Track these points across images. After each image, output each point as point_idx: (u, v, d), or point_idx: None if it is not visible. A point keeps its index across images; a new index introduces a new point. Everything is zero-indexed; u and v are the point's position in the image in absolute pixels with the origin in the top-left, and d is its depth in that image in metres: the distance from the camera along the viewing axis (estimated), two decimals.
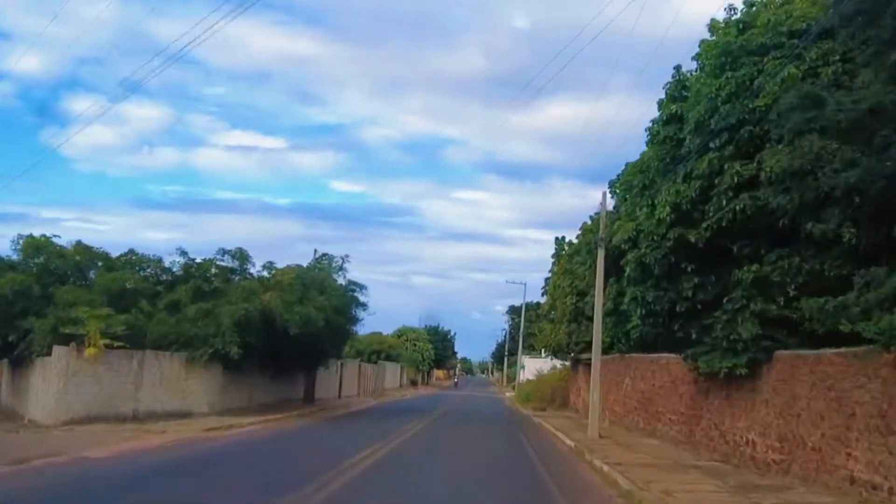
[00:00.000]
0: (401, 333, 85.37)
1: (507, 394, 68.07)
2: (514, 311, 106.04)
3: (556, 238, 35.38)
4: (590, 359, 32.64)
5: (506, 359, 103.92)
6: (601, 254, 20.67)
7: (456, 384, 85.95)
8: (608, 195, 21.97)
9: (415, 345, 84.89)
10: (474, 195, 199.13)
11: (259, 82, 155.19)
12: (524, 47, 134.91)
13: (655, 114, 16.96)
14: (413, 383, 77.63)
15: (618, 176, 24.69)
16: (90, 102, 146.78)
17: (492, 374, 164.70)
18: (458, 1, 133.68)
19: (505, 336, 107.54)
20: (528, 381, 54.56)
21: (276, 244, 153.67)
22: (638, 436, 20.95)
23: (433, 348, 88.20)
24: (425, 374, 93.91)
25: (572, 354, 34.25)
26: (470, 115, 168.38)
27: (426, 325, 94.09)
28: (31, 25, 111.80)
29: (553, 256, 35.47)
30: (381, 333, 74.69)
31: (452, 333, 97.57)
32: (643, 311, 14.70)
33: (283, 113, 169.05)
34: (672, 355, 18.84)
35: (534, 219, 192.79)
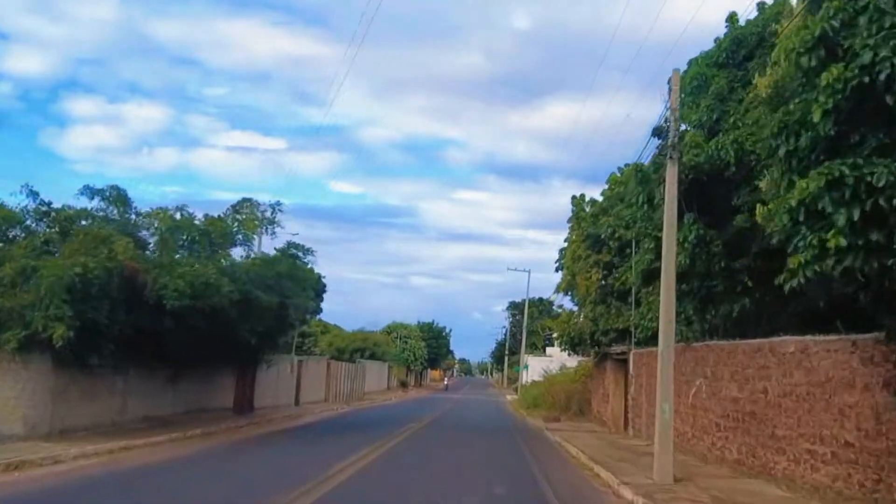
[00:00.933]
0: (390, 330, 76.89)
1: (509, 396, 59.74)
2: (515, 307, 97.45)
3: (574, 197, 26.96)
4: (622, 353, 24.26)
5: (506, 358, 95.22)
6: (672, 171, 12.29)
7: (446, 386, 75.07)
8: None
9: (406, 342, 76.39)
10: (474, 196, 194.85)
11: (259, 83, 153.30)
12: (525, 48, 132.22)
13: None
14: (403, 385, 69.17)
15: (684, 72, 16.38)
16: (90, 104, 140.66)
17: (491, 374, 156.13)
18: (458, 2, 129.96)
19: (505, 334, 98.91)
20: (534, 382, 46.15)
21: None
22: (732, 474, 12.56)
23: (426, 346, 79.68)
24: (418, 374, 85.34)
25: (597, 348, 25.84)
26: (470, 115, 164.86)
27: (419, 322, 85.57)
28: (30, 26, 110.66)
29: (569, 221, 27.04)
30: (373, 332, 66.38)
31: (448, 330, 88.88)
32: (858, 213, 6.14)
33: (283, 113, 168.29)
34: (817, 338, 10.45)
35: (534, 219, 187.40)
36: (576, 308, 26.67)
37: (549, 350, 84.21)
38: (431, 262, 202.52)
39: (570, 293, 26.99)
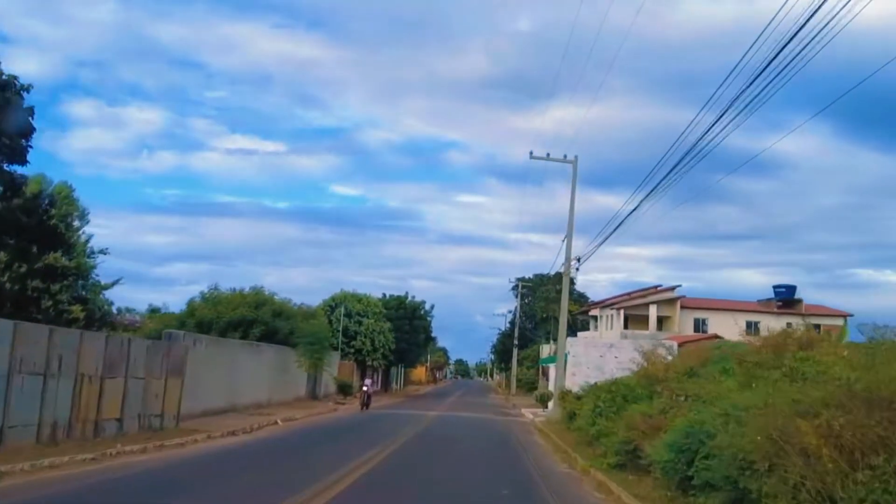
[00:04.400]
0: (335, 303, 48.27)
1: (530, 415, 31.19)
2: (526, 283, 69.07)
3: None
4: None
5: (515, 350, 66.45)
6: None
7: (368, 398, 33.30)
8: None
9: (359, 323, 47.79)
10: (475, 199, 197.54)
11: (259, 86, 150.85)
12: (526, 50, 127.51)
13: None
14: (343, 391, 40.27)
15: None
16: (90, 106, 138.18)
17: (491, 376, 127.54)
18: (459, 4, 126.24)
19: (514, 314, 69.71)
20: (618, 382, 17.84)
21: (276, 248, 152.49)
22: None
23: (393, 330, 50.79)
24: (383, 374, 56.69)
25: None
26: (471, 118, 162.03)
27: (386, 295, 56.83)
28: (31, 28, 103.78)
29: None
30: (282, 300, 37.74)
31: (428, 307, 59.90)
32: None
33: (284, 116, 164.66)
34: None
35: (535, 222, 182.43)
36: None
37: (581, 335, 56.16)
38: (432, 264, 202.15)
39: None
